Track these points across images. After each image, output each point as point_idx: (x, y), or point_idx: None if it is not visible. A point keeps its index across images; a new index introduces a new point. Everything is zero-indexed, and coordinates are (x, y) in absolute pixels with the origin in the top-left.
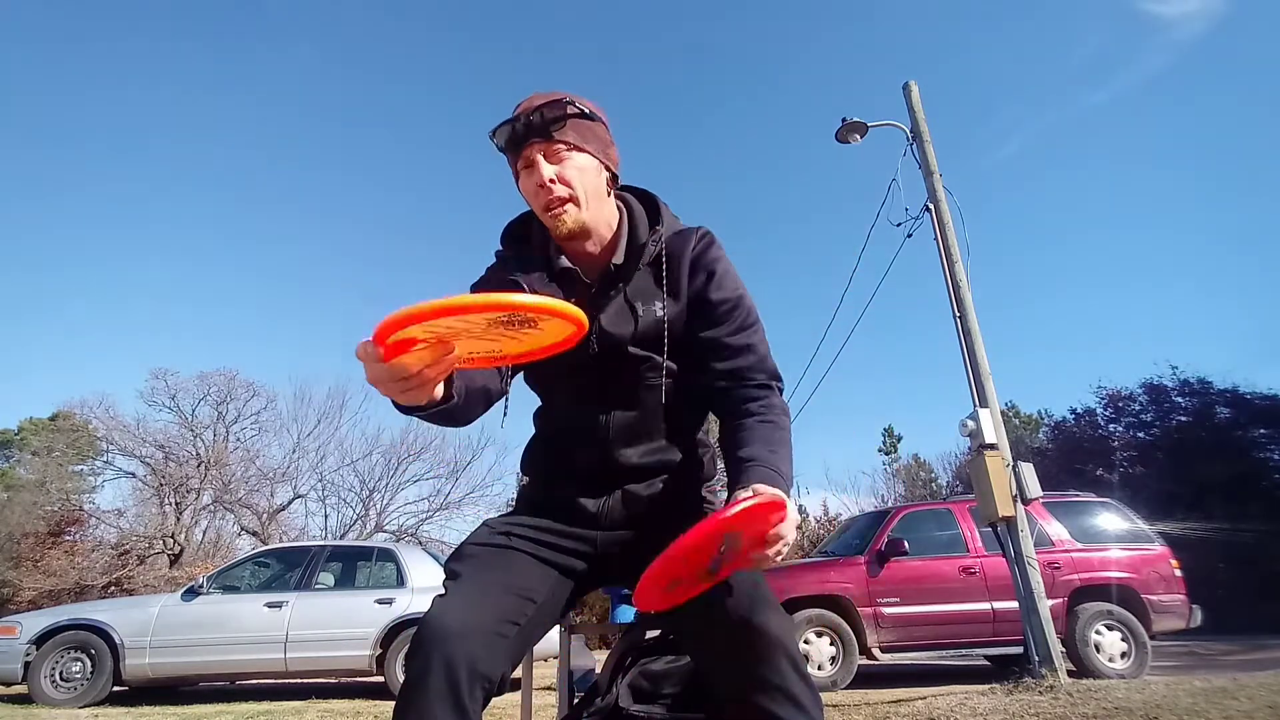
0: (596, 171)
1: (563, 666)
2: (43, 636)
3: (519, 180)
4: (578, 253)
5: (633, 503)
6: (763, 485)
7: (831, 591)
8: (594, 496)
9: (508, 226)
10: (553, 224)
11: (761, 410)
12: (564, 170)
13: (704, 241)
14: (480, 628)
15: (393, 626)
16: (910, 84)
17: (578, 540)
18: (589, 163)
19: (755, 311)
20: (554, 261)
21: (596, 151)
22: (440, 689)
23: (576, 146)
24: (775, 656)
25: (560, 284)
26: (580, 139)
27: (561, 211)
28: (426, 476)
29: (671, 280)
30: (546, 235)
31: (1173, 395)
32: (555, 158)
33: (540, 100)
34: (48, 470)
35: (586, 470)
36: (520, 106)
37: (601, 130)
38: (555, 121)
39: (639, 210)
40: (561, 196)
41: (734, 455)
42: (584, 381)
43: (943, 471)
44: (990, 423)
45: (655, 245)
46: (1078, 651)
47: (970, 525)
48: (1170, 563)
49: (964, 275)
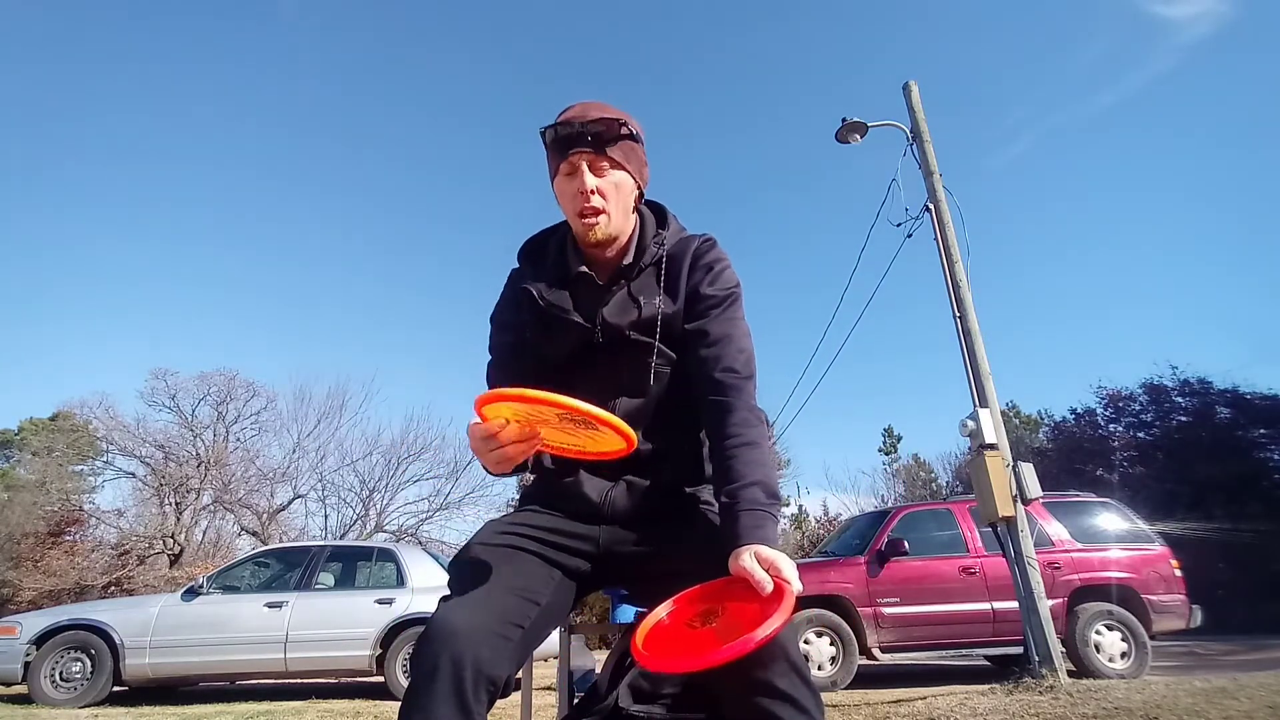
0: (630, 189)
1: (563, 666)
2: (43, 636)
3: (555, 179)
4: (595, 257)
5: (635, 493)
6: (764, 549)
7: (831, 591)
8: (597, 486)
9: (524, 244)
10: (582, 230)
11: (739, 429)
12: (604, 184)
13: (705, 245)
14: (486, 629)
15: (393, 626)
16: (910, 84)
17: (581, 540)
18: (626, 180)
19: (741, 309)
20: (570, 266)
21: (634, 171)
22: (446, 690)
23: (620, 165)
24: (776, 659)
25: (574, 287)
26: (624, 158)
27: (595, 222)
28: (426, 476)
29: (671, 279)
30: (564, 243)
31: (1173, 395)
32: (599, 171)
33: (598, 113)
34: (48, 470)
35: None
36: (574, 111)
37: (641, 151)
38: (610, 141)
39: (650, 218)
40: (596, 208)
41: (724, 483)
42: (591, 369)
43: (943, 471)
44: (990, 423)
45: (658, 247)
46: (1078, 651)
47: (970, 525)
48: (1170, 563)
49: (964, 275)
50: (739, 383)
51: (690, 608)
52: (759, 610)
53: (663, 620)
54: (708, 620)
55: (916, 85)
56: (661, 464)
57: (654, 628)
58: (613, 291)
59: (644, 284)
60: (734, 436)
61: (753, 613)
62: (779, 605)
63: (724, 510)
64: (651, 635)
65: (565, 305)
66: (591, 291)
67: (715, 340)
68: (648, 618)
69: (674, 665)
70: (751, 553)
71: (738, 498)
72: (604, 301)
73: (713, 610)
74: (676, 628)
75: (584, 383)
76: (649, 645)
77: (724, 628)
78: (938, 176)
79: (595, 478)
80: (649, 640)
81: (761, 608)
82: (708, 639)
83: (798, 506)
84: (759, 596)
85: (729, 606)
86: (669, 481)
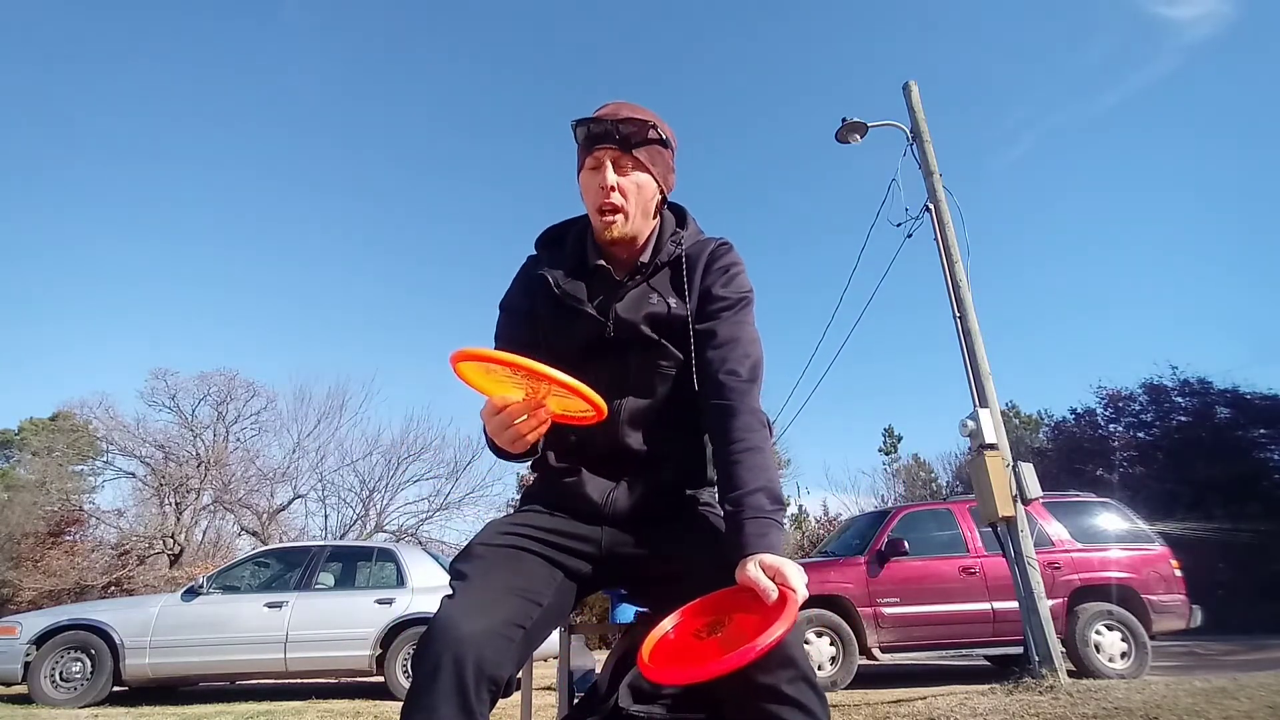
0: (652, 193)
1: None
2: (43, 636)
3: (581, 172)
4: (613, 253)
5: (637, 493)
6: (769, 557)
7: (831, 591)
8: (600, 486)
9: (544, 233)
10: (600, 226)
11: (742, 434)
12: (626, 183)
13: (722, 248)
14: (488, 629)
15: (393, 626)
16: (910, 84)
17: (583, 541)
18: (648, 182)
19: (751, 315)
20: (588, 258)
21: (658, 175)
22: (448, 690)
23: (644, 166)
24: (783, 664)
25: (591, 279)
26: (649, 160)
27: (612, 220)
28: (426, 477)
29: (686, 279)
30: (583, 235)
31: (1173, 395)
32: (623, 169)
33: (628, 113)
34: (48, 470)
35: (595, 455)
36: (607, 109)
37: (669, 156)
38: (637, 142)
39: (670, 219)
40: (616, 205)
41: (728, 490)
42: (601, 364)
43: (943, 471)
44: (990, 423)
45: (676, 246)
46: (1078, 651)
47: (970, 525)
48: (1170, 563)
49: (964, 275)
50: (742, 386)
51: (696, 619)
52: (763, 618)
53: (668, 634)
54: (714, 631)
55: (916, 85)
56: (664, 465)
57: (659, 641)
58: (628, 287)
59: (659, 282)
60: (737, 442)
61: (756, 621)
62: (782, 612)
63: (729, 518)
64: (657, 649)
65: (580, 296)
66: (607, 285)
67: (723, 342)
68: (653, 631)
69: (678, 677)
70: (756, 561)
71: (742, 505)
72: (619, 296)
73: (719, 621)
74: (682, 639)
75: (593, 378)
76: (655, 659)
77: (728, 638)
78: (938, 176)
79: (597, 478)
80: (655, 654)
81: (765, 615)
82: (712, 649)
83: (798, 506)
84: (764, 605)
85: (735, 617)
86: (671, 482)
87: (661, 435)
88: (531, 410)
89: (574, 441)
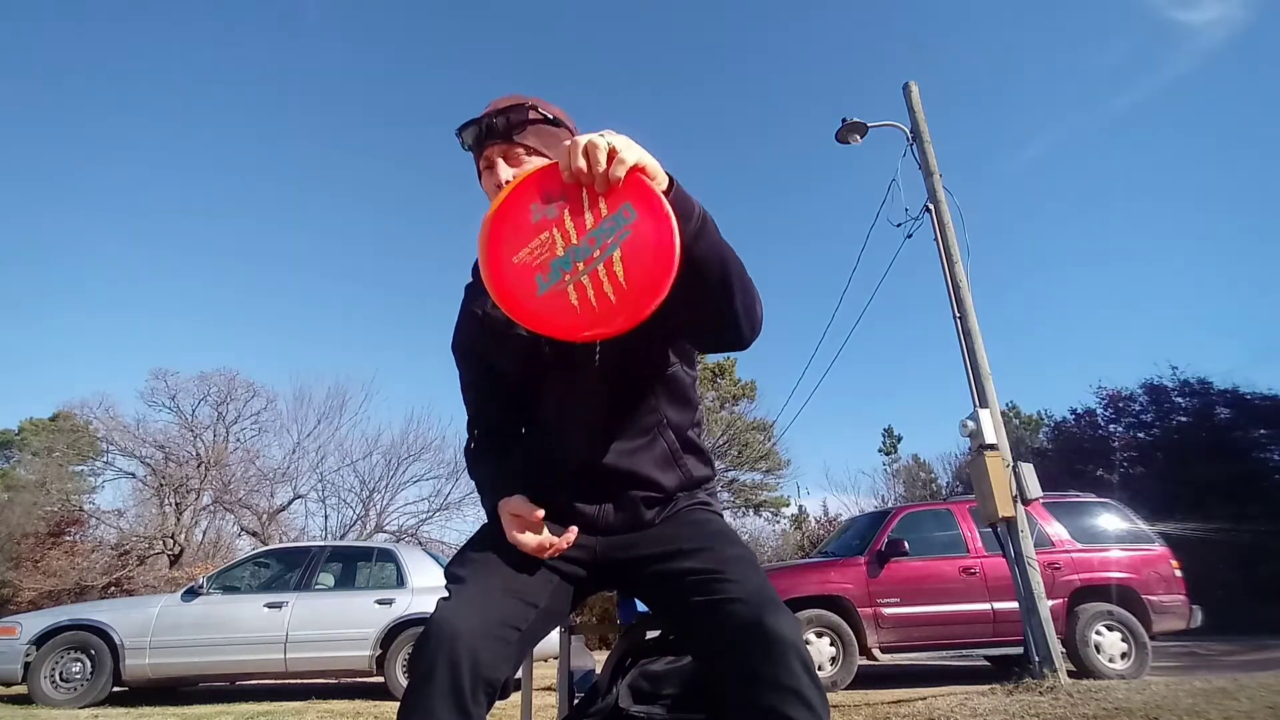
0: None
1: (563, 667)
2: (43, 637)
3: (481, 178)
4: None
5: (629, 506)
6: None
7: (832, 592)
8: (590, 502)
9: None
10: None
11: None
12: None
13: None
14: (484, 631)
15: (393, 627)
16: (910, 84)
17: (578, 547)
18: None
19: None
20: None
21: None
22: (444, 691)
23: (537, 151)
24: (788, 658)
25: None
26: (541, 144)
27: None
28: (426, 477)
29: None
30: None
31: (1173, 395)
32: (514, 161)
33: (504, 103)
34: (48, 470)
35: (580, 474)
36: (488, 107)
37: (565, 135)
38: (517, 126)
39: None
40: None
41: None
42: (553, 386)
43: (943, 471)
44: (990, 423)
45: None
46: (1078, 652)
47: (970, 525)
48: (1170, 563)
49: (964, 276)
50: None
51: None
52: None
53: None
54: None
55: (916, 85)
56: (642, 478)
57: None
58: None
59: None
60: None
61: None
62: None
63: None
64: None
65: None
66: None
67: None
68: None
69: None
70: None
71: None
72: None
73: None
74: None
75: (550, 402)
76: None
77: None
78: (938, 177)
79: (587, 494)
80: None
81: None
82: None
83: (798, 506)
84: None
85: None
86: (653, 494)
87: (649, 447)
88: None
89: (560, 463)
